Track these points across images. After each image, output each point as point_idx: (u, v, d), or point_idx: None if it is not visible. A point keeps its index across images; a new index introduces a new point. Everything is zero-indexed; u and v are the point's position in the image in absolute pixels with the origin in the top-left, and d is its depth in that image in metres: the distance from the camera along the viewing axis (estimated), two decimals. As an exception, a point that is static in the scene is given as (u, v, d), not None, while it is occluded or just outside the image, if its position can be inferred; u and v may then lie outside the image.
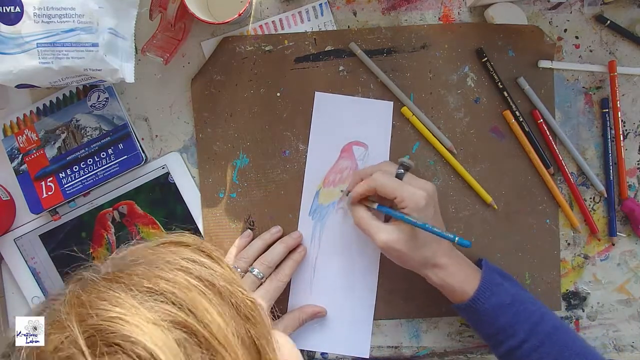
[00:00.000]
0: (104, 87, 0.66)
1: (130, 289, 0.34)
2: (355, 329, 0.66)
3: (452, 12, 0.67)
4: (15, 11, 0.54)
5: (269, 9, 0.67)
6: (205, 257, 0.39)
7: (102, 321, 0.32)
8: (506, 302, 0.56)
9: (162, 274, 0.35)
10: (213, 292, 0.36)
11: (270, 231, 0.66)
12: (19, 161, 0.65)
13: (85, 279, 0.36)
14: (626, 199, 0.66)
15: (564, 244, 0.67)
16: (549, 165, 0.66)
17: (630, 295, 0.68)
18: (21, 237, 0.68)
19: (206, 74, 0.67)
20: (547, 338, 0.55)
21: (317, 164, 0.67)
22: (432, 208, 0.57)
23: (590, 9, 0.66)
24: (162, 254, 0.38)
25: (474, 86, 0.66)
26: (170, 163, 0.67)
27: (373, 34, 0.66)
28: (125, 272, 0.36)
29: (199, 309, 0.34)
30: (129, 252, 0.39)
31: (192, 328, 0.33)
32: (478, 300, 0.56)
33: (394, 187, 0.56)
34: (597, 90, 0.67)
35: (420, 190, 0.56)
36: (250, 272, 0.61)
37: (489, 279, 0.57)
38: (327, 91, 0.66)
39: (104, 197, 0.67)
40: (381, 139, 0.66)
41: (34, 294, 0.68)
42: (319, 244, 0.66)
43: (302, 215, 0.67)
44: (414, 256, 0.57)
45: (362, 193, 0.59)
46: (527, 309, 0.56)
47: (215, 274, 0.37)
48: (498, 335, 0.57)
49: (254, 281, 0.61)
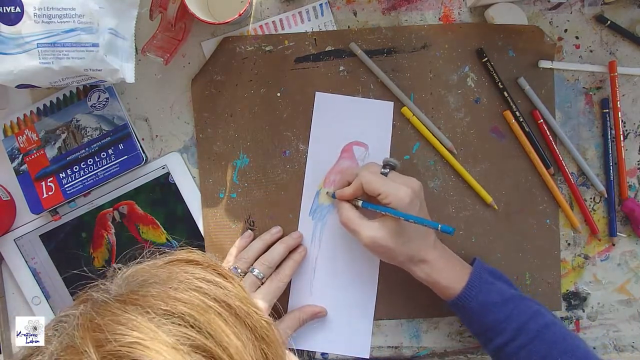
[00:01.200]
0: (104, 87, 0.66)
1: (147, 312, 0.33)
2: (355, 328, 0.66)
3: (453, 12, 0.67)
4: (16, 11, 0.54)
5: (269, 9, 0.67)
6: (217, 275, 0.38)
7: (120, 347, 0.31)
8: (494, 300, 0.57)
9: (177, 295, 0.34)
10: (229, 313, 0.35)
11: (270, 231, 0.66)
12: (19, 161, 0.65)
13: (96, 300, 0.35)
14: (626, 199, 0.66)
15: (564, 244, 0.67)
16: (549, 166, 0.66)
17: (630, 295, 0.67)
18: (21, 237, 0.68)
19: (206, 74, 0.67)
20: (536, 336, 0.55)
21: (318, 164, 0.67)
22: (418, 204, 0.57)
23: (590, 9, 0.66)
24: (174, 274, 0.37)
25: (474, 86, 0.66)
26: (171, 163, 0.67)
27: (373, 34, 0.66)
28: (140, 294, 0.35)
29: (217, 331, 0.33)
30: (139, 270, 0.38)
31: (211, 351, 0.32)
32: (465, 297, 0.57)
33: (379, 184, 0.56)
34: (598, 91, 0.67)
35: (405, 187, 0.56)
36: (251, 272, 0.61)
37: (477, 277, 0.58)
38: (328, 91, 0.66)
39: (104, 197, 0.67)
40: (382, 139, 0.66)
41: (34, 294, 0.68)
42: (320, 244, 0.66)
43: (302, 216, 0.67)
44: (401, 251, 0.57)
45: (350, 194, 0.60)
46: (518, 308, 0.57)
47: (229, 293, 0.37)
48: (487, 333, 0.57)
49: (254, 281, 0.61)
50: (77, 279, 0.67)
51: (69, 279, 0.68)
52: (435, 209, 0.66)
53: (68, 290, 0.68)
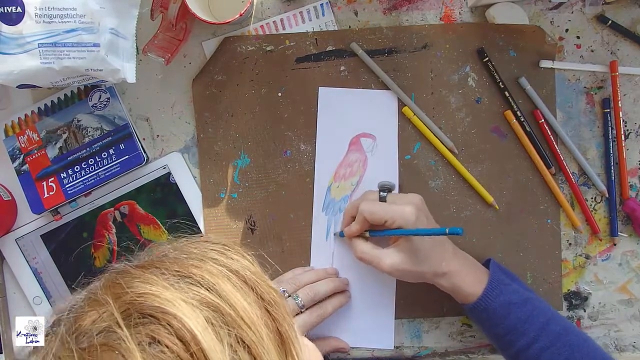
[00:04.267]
0: (106, 87, 0.66)
1: (163, 273, 0.37)
2: (377, 320, 0.66)
3: (454, 12, 0.67)
4: (17, 11, 0.54)
5: (270, 9, 0.67)
6: (234, 253, 0.41)
7: (136, 297, 0.34)
8: (514, 300, 0.56)
9: (192, 262, 0.38)
10: (238, 278, 0.38)
11: (326, 270, 0.66)
12: (20, 161, 0.66)
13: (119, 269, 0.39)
14: (627, 199, 0.66)
15: (565, 244, 0.67)
16: (550, 165, 0.66)
17: (631, 295, 0.67)
18: (23, 237, 0.68)
19: (207, 74, 0.67)
20: (557, 339, 0.55)
21: (327, 160, 0.66)
22: (424, 218, 0.57)
23: (591, 8, 0.66)
24: (191, 247, 0.41)
25: (475, 86, 0.66)
26: (172, 163, 0.67)
27: (374, 34, 0.66)
28: (157, 261, 0.39)
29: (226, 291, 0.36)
30: (160, 247, 0.42)
31: (219, 308, 0.35)
32: (487, 298, 0.56)
33: (381, 212, 0.57)
34: (599, 91, 0.67)
35: (407, 206, 0.56)
36: (294, 299, 0.60)
37: (497, 278, 0.58)
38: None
39: (105, 197, 0.67)
40: (389, 129, 0.66)
41: (36, 294, 0.68)
42: (334, 240, 0.66)
43: (315, 212, 0.66)
44: (422, 270, 0.57)
45: (358, 230, 0.60)
46: (537, 308, 0.57)
47: (241, 266, 0.39)
48: (508, 335, 0.57)
49: (293, 309, 0.60)
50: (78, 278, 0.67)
51: (70, 279, 0.68)
52: (436, 209, 0.66)
53: (69, 290, 0.68)
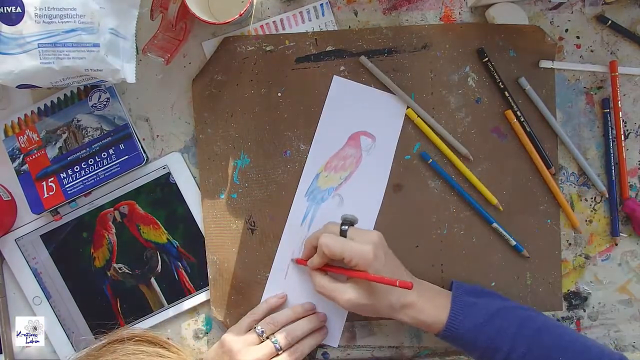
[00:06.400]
0: (105, 88, 0.66)
1: None
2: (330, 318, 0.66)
3: (453, 12, 0.67)
4: (17, 11, 0.55)
5: (270, 9, 0.67)
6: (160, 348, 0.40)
7: None
8: (480, 320, 0.56)
9: None
10: None
11: (304, 306, 0.65)
12: (20, 161, 0.66)
13: None
14: (627, 199, 0.66)
15: (565, 244, 0.67)
16: (550, 165, 0.66)
17: (631, 295, 0.67)
18: (22, 238, 0.68)
19: (207, 74, 0.67)
20: (532, 342, 0.55)
21: (323, 147, 0.66)
22: (383, 256, 0.57)
23: (591, 9, 0.66)
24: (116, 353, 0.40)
25: (475, 86, 0.66)
26: (171, 163, 0.67)
27: (374, 34, 0.66)
28: None
29: None
30: None
31: None
32: (451, 327, 0.56)
33: (340, 249, 0.57)
34: (599, 91, 0.67)
35: (366, 245, 0.56)
36: (272, 342, 0.60)
37: (458, 303, 0.57)
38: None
39: (105, 197, 0.67)
40: (390, 134, 0.66)
41: (35, 294, 0.68)
42: (309, 227, 0.66)
43: (298, 195, 0.66)
44: (380, 304, 0.57)
45: (319, 264, 0.60)
46: (506, 320, 0.57)
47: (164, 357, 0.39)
48: (485, 355, 0.57)
49: (271, 352, 0.60)
50: (78, 278, 0.67)
51: (70, 279, 0.68)
52: (436, 210, 0.66)
53: (69, 290, 0.68)
